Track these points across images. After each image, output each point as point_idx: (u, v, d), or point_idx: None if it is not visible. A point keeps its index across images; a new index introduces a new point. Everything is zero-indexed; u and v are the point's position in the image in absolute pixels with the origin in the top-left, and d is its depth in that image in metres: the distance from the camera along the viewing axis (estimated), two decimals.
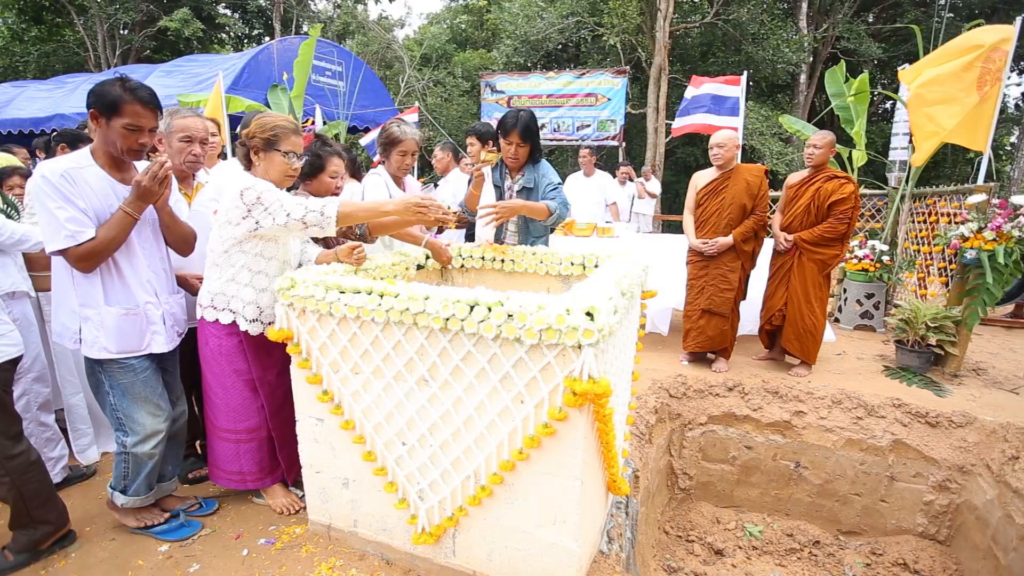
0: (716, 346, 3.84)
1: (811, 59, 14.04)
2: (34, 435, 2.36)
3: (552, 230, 3.11)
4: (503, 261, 2.61)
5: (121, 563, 1.98)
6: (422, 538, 1.82)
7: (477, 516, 1.76)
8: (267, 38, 17.57)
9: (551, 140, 11.10)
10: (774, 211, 3.93)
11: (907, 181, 4.90)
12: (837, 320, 5.18)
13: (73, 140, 3.47)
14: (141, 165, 1.91)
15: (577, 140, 10.54)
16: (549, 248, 2.62)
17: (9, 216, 2.66)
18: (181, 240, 2.03)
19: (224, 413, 2.09)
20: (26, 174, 3.65)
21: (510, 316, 1.49)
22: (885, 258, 4.80)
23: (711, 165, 3.74)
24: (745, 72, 5.75)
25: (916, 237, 4.88)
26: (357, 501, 1.98)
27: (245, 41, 18.63)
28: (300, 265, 2.16)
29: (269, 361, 2.06)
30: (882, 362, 4.11)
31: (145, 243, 1.91)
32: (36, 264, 2.50)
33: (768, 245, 3.87)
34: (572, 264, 2.50)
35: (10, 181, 3.54)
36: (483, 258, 2.65)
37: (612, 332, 1.52)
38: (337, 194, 2.26)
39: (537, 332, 1.47)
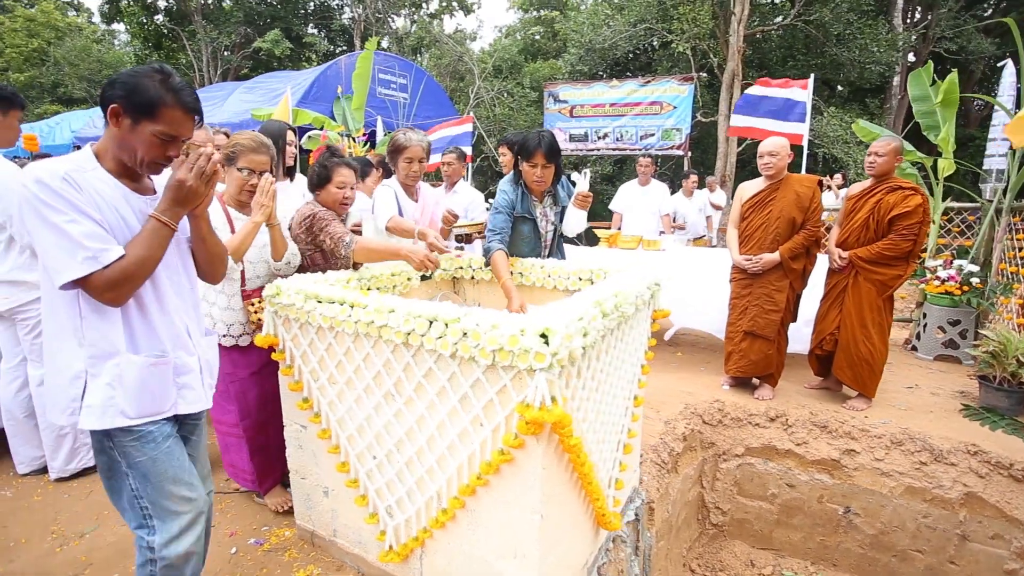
0: (760, 371, 3.53)
1: (912, 59, 12.81)
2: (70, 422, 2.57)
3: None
4: (512, 275, 2.54)
5: (125, 548, 2.10)
6: (389, 556, 1.78)
7: (441, 539, 1.69)
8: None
9: (614, 150, 10.87)
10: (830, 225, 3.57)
11: (1006, 192, 4.29)
12: (914, 348, 4.62)
13: None
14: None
15: (641, 149, 10.24)
16: (558, 261, 2.52)
17: None
18: (217, 259, 1.56)
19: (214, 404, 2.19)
20: None
21: (465, 334, 1.43)
22: (974, 280, 4.22)
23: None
24: (812, 75, 5.30)
25: (1016, 257, 4.24)
26: (336, 511, 1.97)
27: (330, 58, 19.92)
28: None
29: (242, 360, 2.12)
30: (962, 400, 3.59)
31: (170, 267, 1.44)
32: None
33: (823, 262, 3.52)
34: (580, 279, 2.38)
35: None
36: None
37: (574, 357, 1.41)
38: (346, 204, 2.30)
39: (491, 352, 1.38)
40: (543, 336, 1.33)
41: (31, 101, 17.54)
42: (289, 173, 2.68)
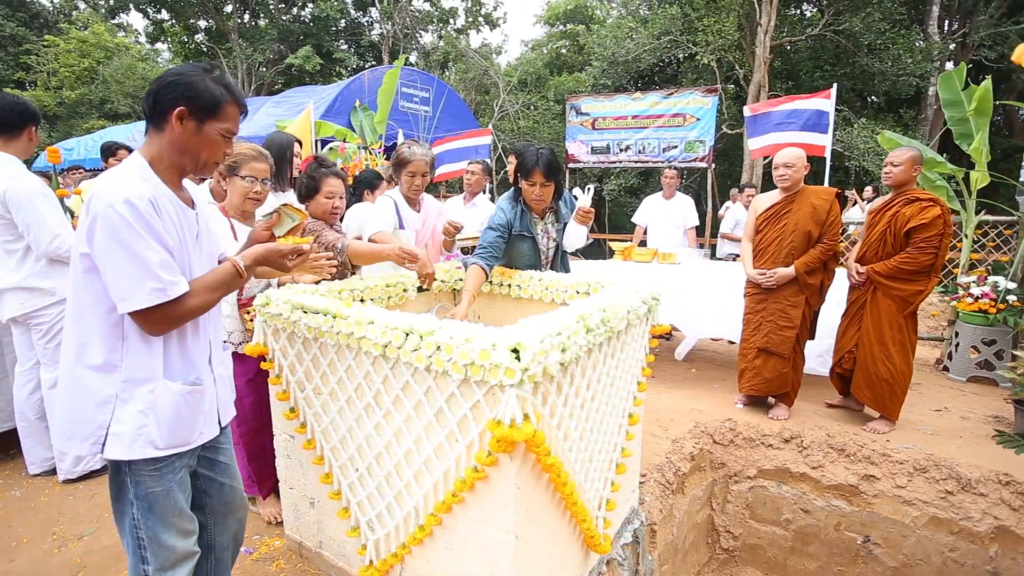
0: (774, 390, 3.39)
1: (950, 68, 12.37)
2: None
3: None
4: (510, 286, 2.52)
5: (119, 553, 2.12)
6: (369, 571, 1.75)
7: (420, 556, 1.65)
8: None
9: (636, 162, 10.76)
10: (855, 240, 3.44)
11: None
12: (946, 369, 4.38)
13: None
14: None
15: (663, 162, 10.10)
16: (556, 274, 2.48)
17: None
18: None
19: None
20: (131, 150, 4.28)
21: (439, 348, 1.40)
22: (1011, 298, 3.99)
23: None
24: (835, 85, 5.15)
25: None
26: (321, 523, 1.96)
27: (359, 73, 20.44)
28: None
29: (239, 367, 2.13)
30: (995, 425, 3.37)
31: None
32: None
33: (844, 277, 3.38)
34: (577, 292, 2.33)
35: (120, 154, 4.18)
36: (491, 283, 2.57)
37: (549, 373, 1.37)
38: (335, 214, 2.32)
39: (463, 367, 1.35)
40: (514, 351, 1.30)
41: (80, 117, 18.49)
42: (293, 183, 2.73)
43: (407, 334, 1.47)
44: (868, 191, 8.23)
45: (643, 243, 5.79)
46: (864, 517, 2.96)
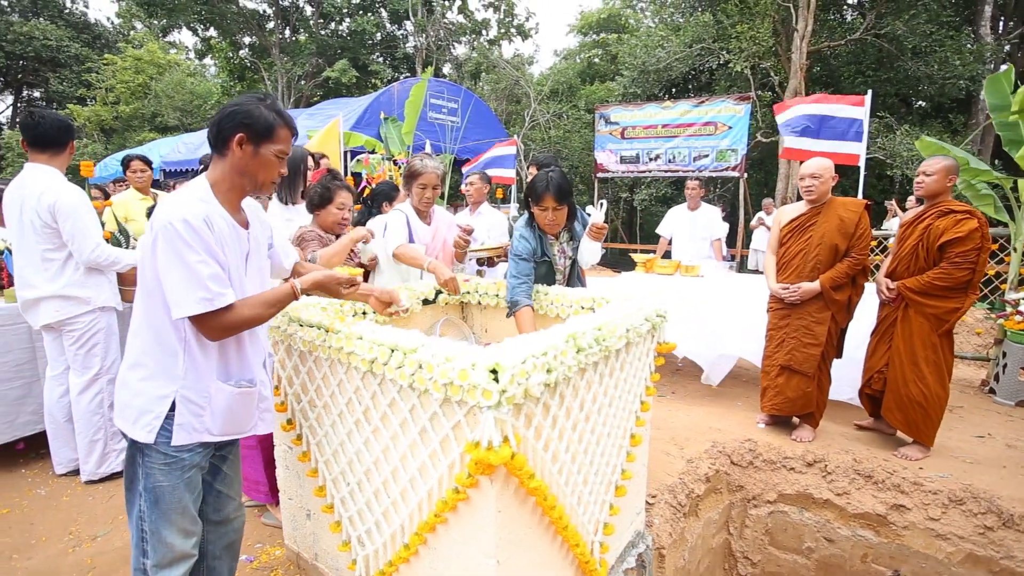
0: (798, 410, 3.24)
1: (1004, 70, 11.73)
2: (103, 428, 2.75)
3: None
4: None
5: (129, 554, 2.18)
6: None
7: (407, 575, 1.63)
8: None
9: (666, 171, 10.58)
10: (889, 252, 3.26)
11: None
12: (992, 391, 4.10)
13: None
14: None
15: (694, 171, 9.90)
16: (562, 289, 2.44)
17: (118, 243, 3.20)
18: None
19: None
20: (146, 159, 4.44)
21: (421, 366, 1.38)
22: None
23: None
24: (870, 91, 4.93)
25: None
26: (317, 535, 1.97)
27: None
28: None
29: None
30: None
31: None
32: (126, 279, 2.94)
33: (873, 293, 3.21)
34: (582, 307, 2.29)
35: (133, 165, 4.35)
36: (497, 295, 2.55)
37: (530, 394, 1.33)
38: (344, 224, 2.36)
39: (442, 386, 1.33)
40: (493, 372, 1.27)
41: (133, 130, 19.55)
42: (303, 196, 2.78)
43: (392, 350, 1.46)
44: (911, 201, 7.83)
45: (667, 255, 5.67)
46: (893, 550, 2.79)
